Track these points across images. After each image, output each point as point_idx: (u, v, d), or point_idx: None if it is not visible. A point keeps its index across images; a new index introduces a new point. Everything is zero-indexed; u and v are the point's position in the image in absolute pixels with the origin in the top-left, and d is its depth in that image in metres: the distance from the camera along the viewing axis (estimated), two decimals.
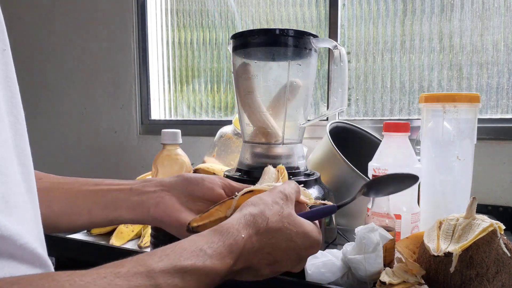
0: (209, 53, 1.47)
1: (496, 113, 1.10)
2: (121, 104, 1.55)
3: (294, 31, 0.64)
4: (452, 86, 1.15)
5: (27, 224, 0.28)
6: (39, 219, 0.32)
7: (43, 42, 1.69)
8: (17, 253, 0.25)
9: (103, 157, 1.60)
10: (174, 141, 0.70)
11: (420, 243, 0.53)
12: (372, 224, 0.51)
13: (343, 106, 0.66)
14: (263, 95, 0.68)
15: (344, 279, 0.52)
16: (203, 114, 1.51)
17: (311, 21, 1.31)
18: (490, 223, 0.46)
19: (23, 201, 0.28)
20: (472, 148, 0.65)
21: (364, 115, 1.25)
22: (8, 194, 0.26)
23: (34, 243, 0.27)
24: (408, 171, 0.64)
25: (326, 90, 1.28)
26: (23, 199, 0.28)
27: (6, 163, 0.26)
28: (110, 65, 1.56)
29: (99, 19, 1.56)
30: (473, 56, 1.12)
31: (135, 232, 0.79)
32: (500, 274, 0.45)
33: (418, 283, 0.48)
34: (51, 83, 1.70)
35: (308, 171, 0.70)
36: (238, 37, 0.67)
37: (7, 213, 0.25)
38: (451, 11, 1.13)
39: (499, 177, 1.03)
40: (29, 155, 0.32)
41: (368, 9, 1.23)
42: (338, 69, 0.65)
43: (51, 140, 1.69)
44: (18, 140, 0.30)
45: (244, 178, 0.66)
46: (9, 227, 0.24)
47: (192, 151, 1.09)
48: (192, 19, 1.49)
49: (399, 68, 1.20)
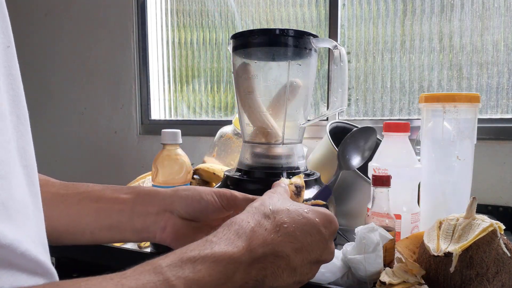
0: (209, 53, 1.47)
1: (496, 113, 1.10)
2: (121, 104, 1.55)
3: (294, 31, 0.64)
4: (452, 86, 1.15)
5: (29, 229, 0.27)
6: (42, 222, 0.31)
7: (43, 42, 1.69)
8: (18, 262, 0.24)
9: (103, 157, 1.60)
10: (174, 141, 0.70)
11: (420, 243, 0.53)
12: (372, 224, 0.51)
13: (343, 106, 0.66)
14: (263, 95, 0.68)
15: (344, 279, 0.52)
16: (203, 114, 1.51)
17: (311, 21, 1.31)
18: (490, 223, 0.46)
19: (25, 205, 0.28)
20: (472, 148, 0.65)
21: (364, 115, 1.25)
22: (8, 200, 0.25)
23: (36, 249, 0.26)
24: (408, 171, 0.64)
25: (326, 90, 1.28)
26: (24, 203, 0.28)
27: (7, 166, 0.25)
28: (110, 65, 1.56)
29: (99, 19, 1.56)
30: (473, 56, 1.12)
31: None
32: (500, 274, 0.45)
33: (418, 283, 0.48)
34: (51, 83, 1.70)
35: (308, 171, 0.70)
36: (238, 37, 0.67)
37: (7, 220, 0.24)
38: (451, 11, 1.13)
39: (499, 177, 1.03)
40: (33, 156, 0.31)
41: (368, 9, 1.23)
42: (338, 69, 0.65)
43: (51, 140, 1.69)
44: (21, 140, 0.29)
45: (244, 178, 0.66)
46: (8, 236, 0.23)
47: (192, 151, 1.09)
48: (192, 19, 1.49)
49: (399, 68, 1.20)
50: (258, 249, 0.32)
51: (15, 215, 0.25)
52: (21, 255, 0.24)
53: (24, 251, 0.25)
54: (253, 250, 0.32)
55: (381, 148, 0.67)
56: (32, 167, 0.30)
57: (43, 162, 1.61)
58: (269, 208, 0.36)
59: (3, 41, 0.28)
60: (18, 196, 0.26)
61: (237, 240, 0.31)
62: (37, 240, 0.28)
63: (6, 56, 0.28)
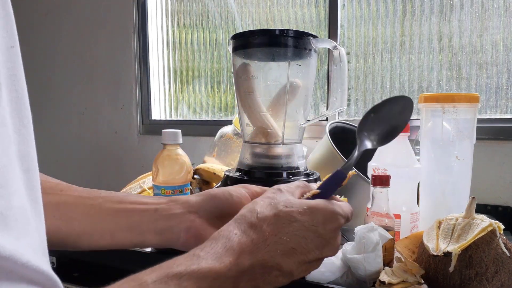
0: (209, 54, 1.48)
1: (495, 113, 1.10)
2: (122, 104, 1.56)
3: (294, 31, 0.64)
4: (451, 86, 1.15)
5: (30, 237, 0.26)
6: (42, 227, 0.30)
7: (43, 42, 1.69)
8: (18, 273, 0.24)
9: (104, 157, 1.60)
10: (175, 141, 0.70)
11: (420, 242, 0.53)
12: (371, 224, 0.51)
13: (343, 106, 0.66)
14: (263, 95, 0.68)
15: (344, 279, 0.52)
16: (203, 114, 1.51)
17: (311, 22, 1.31)
18: (489, 223, 0.47)
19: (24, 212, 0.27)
20: (471, 148, 0.66)
21: None
22: (7, 209, 0.24)
23: (37, 259, 0.25)
24: (407, 171, 0.65)
25: (326, 90, 1.28)
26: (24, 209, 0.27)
27: (7, 173, 0.25)
28: (110, 65, 1.56)
29: (99, 20, 1.57)
30: (472, 57, 1.12)
31: None
32: (499, 274, 0.45)
33: (417, 283, 0.48)
34: (51, 83, 1.70)
35: (308, 171, 0.70)
36: (238, 37, 0.68)
37: (5, 230, 0.23)
38: (451, 11, 1.14)
39: (498, 177, 1.03)
40: (35, 160, 0.30)
41: (367, 9, 1.23)
42: (338, 69, 0.65)
43: (52, 140, 1.70)
44: (23, 144, 0.28)
45: (244, 178, 0.66)
46: (7, 247, 0.23)
47: (193, 151, 1.09)
48: (192, 19, 1.49)
49: (398, 68, 1.20)
50: (245, 262, 0.32)
51: (14, 224, 0.24)
52: (22, 266, 0.24)
53: (25, 262, 0.24)
54: (240, 263, 0.31)
55: (380, 148, 0.67)
56: (33, 171, 0.29)
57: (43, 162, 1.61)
58: (256, 216, 0.34)
59: (6, 41, 0.27)
60: (17, 203, 0.25)
61: (224, 255, 0.31)
62: (38, 247, 0.28)
63: (9, 57, 0.27)
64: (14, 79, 0.28)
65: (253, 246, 0.33)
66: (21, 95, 0.28)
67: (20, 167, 0.28)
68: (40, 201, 0.30)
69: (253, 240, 0.33)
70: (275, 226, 0.34)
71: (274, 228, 0.34)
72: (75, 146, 1.66)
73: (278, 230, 0.34)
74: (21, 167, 0.28)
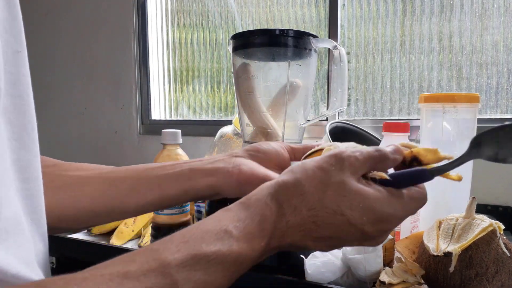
0: (209, 53, 1.48)
1: (496, 113, 1.10)
2: (122, 104, 1.56)
3: (294, 31, 0.64)
4: (451, 86, 1.15)
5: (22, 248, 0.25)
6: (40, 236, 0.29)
7: (43, 42, 1.69)
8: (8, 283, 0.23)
9: (104, 157, 1.60)
10: (175, 141, 0.70)
11: (420, 243, 0.53)
12: None
13: (343, 106, 0.66)
14: (263, 95, 0.68)
15: (344, 279, 0.52)
16: (203, 114, 1.51)
17: (311, 22, 1.31)
18: (490, 223, 0.47)
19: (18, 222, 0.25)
20: None
21: (364, 115, 1.25)
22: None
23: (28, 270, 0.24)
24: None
25: (326, 90, 1.28)
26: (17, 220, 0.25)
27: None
28: (110, 65, 1.56)
29: (99, 20, 1.56)
30: (473, 56, 1.12)
31: (135, 232, 0.80)
32: (500, 274, 0.45)
33: (417, 283, 0.48)
34: (51, 83, 1.70)
35: None
36: (238, 37, 0.67)
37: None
38: (451, 11, 1.14)
39: (499, 177, 1.03)
40: (37, 167, 0.28)
41: (368, 9, 1.23)
42: (338, 69, 0.65)
43: (51, 140, 1.70)
44: (24, 151, 0.27)
45: None
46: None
47: (192, 151, 1.09)
48: (192, 19, 1.49)
49: (398, 68, 1.20)
50: (274, 244, 0.30)
51: (5, 236, 0.23)
52: (12, 277, 0.23)
53: (15, 274, 0.23)
54: (270, 245, 0.30)
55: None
56: (34, 180, 0.28)
57: None
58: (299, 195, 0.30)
59: (13, 46, 0.26)
60: (9, 213, 0.24)
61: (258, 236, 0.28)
62: (31, 257, 0.26)
63: (15, 61, 0.26)
64: (18, 85, 0.27)
65: (287, 229, 0.30)
66: (26, 102, 0.28)
67: (17, 177, 0.26)
68: (40, 210, 0.29)
69: (288, 222, 0.30)
70: (317, 213, 0.30)
71: (314, 215, 0.30)
72: (75, 146, 1.66)
73: (319, 219, 0.30)
74: (19, 176, 0.26)
